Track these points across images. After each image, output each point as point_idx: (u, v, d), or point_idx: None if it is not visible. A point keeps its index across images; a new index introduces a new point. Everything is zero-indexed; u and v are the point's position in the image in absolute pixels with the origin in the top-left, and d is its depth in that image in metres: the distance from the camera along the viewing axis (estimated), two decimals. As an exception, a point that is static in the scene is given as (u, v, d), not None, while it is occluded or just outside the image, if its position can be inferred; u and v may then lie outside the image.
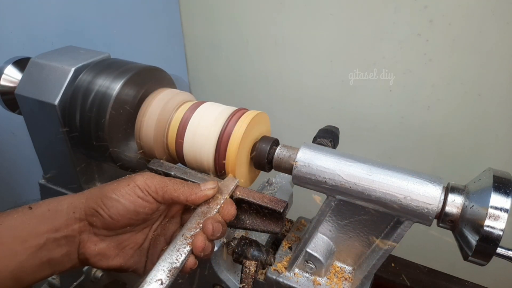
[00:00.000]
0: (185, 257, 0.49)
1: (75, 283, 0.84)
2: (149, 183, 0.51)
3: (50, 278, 0.93)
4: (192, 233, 0.51)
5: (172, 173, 0.62)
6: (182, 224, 0.57)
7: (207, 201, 0.55)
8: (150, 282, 0.46)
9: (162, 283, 0.46)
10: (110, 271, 0.52)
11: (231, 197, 0.58)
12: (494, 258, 0.49)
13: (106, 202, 0.49)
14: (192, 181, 0.60)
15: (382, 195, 0.52)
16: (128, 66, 0.66)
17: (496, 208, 0.46)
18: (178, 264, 0.48)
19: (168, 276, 0.47)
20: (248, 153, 0.64)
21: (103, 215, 0.49)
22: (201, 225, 0.52)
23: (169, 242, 0.55)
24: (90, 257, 0.50)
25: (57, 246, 0.49)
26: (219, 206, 0.55)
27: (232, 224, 0.59)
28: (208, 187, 0.55)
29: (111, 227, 0.51)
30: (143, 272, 0.54)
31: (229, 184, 0.59)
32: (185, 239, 0.50)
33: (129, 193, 0.50)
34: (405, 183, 0.52)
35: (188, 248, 0.50)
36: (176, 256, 0.49)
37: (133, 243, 0.54)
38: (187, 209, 0.58)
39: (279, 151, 0.62)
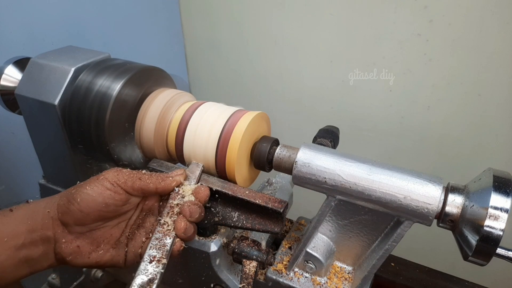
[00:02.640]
0: (172, 241, 0.51)
1: (75, 283, 0.84)
2: (118, 175, 0.53)
3: (50, 278, 0.93)
4: (172, 218, 0.53)
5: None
6: (160, 215, 0.58)
7: (178, 189, 0.56)
8: (145, 270, 0.48)
9: (157, 267, 0.48)
10: (88, 268, 0.53)
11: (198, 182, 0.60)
12: (494, 258, 0.49)
13: (75, 197, 0.51)
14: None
15: (382, 195, 0.52)
16: (128, 66, 0.66)
17: (496, 208, 0.46)
18: (168, 247, 0.50)
19: (161, 260, 0.49)
20: (248, 153, 0.64)
21: (72, 210, 0.50)
22: (178, 210, 0.54)
23: (149, 233, 0.56)
24: (65, 255, 0.51)
25: (34, 246, 0.50)
26: (190, 191, 0.56)
27: (232, 224, 0.59)
28: (176, 173, 0.57)
29: (83, 221, 0.51)
30: (124, 265, 0.55)
31: (194, 170, 0.61)
32: (166, 225, 0.53)
33: (97, 185, 0.51)
34: (405, 183, 0.52)
35: (172, 233, 0.52)
36: (163, 241, 0.51)
37: (109, 238, 0.54)
38: (164, 201, 0.58)
39: (279, 151, 0.62)
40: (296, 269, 0.65)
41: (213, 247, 0.62)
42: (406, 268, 0.81)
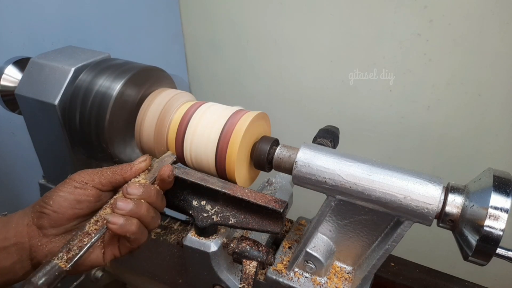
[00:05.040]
0: (103, 221, 0.51)
1: (75, 283, 0.84)
2: (84, 174, 0.54)
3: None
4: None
5: None
6: None
7: (139, 176, 0.57)
8: (68, 244, 0.48)
9: (81, 244, 0.48)
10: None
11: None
12: (494, 258, 0.49)
13: (47, 200, 0.52)
14: (192, 181, 0.60)
15: (382, 195, 0.52)
16: (128, 66, 0.66)
17: (496, 208, 0.46)
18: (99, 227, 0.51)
19: (86, 239, 0.49)
20: (248, 153, 0.64)
21: (47, 213, 0.51)
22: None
23: None
24: (41, 258, 0.52)
25: (7, 254, 0.51)
26: (154, 177, 0.57)
27: (232, 224, 0.59)
28: (139, 160, 0.58)
29: (59, 222, 0.52)
30: (103, 262, 0.55)
31: (167, 160, 0.62)
32: (107, 205, 0.53)
33: (66, 186, 0.53)
34: (405, 183, 0.52)
35: (108, 210, 0.52)
36: (98, 222, 0.51)
37: None
38: None
39: (279, 151, 0.62)
40: (296, 269, 0.65)
41: (213, 247, 0.62)
42: (406, 268, 0.81)
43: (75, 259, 0.47)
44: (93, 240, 0.49)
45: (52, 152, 0.73)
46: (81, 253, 0.48)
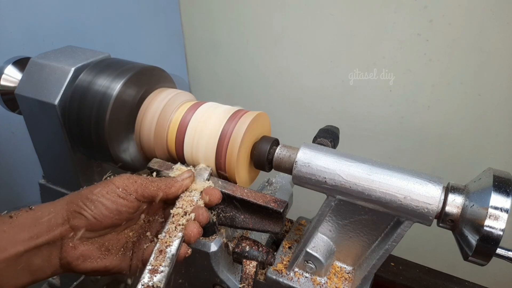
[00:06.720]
0: (178, 247, 0.50)
1: (75, 283, 0.84)
2: (128, 183, 0.52)
3: (50, 278, 0.93)
4: (181, 222, 0.53)
5: (172, 174, 0.62)
6: (165, 219, 0.57)
7: (185, 194, 0.56)
8: (150, 273, 0.47)
9: (162, 272, 0.47)
10: (95, 274, 0.53)
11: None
12: (494, 258, 0.49)
13: (89, 204, 0.50)
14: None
15: (382, 195, 0.52)
16: (128, 66, 0.66)
17: (496, 208, 0.46)
18: (174, 252, 0.49)
19: (167, 265, 0.48)
20: (248, 153, 0.64)
21: (87, 216, 0.50)
22: (187, 216, 0.53)
23: (154, 237, 0.55)
24: (72, 260, 0.50)
25: (38, 251, 0.49)
26: (199, 194, 0.56)
27: (232, 224, 0.59)
28: (184, 177, 0.57)
29: (94, 228, 0.51)
30: (129, 271, 0.54)
31: (202, 173, 0.61)
32: (176, 229, 0.52)
33: (110, 193, 0.51)
34: (405, 183, 0.52)
35: (180, 234, 0.51)
36: (167, 248, 0.50)
37: (116, 243, 0.54)
38: (168, 204, 0.58)
39: (279, 151, 0.62)
40: (296, 269, 0.65)
41: (213, 247, 0.62)
42: (406, 268, 0.81)
43: None
44: (167, 276, 0.48)
45: (52, 152, 0.73)
46: (163, 285, 0.47)
